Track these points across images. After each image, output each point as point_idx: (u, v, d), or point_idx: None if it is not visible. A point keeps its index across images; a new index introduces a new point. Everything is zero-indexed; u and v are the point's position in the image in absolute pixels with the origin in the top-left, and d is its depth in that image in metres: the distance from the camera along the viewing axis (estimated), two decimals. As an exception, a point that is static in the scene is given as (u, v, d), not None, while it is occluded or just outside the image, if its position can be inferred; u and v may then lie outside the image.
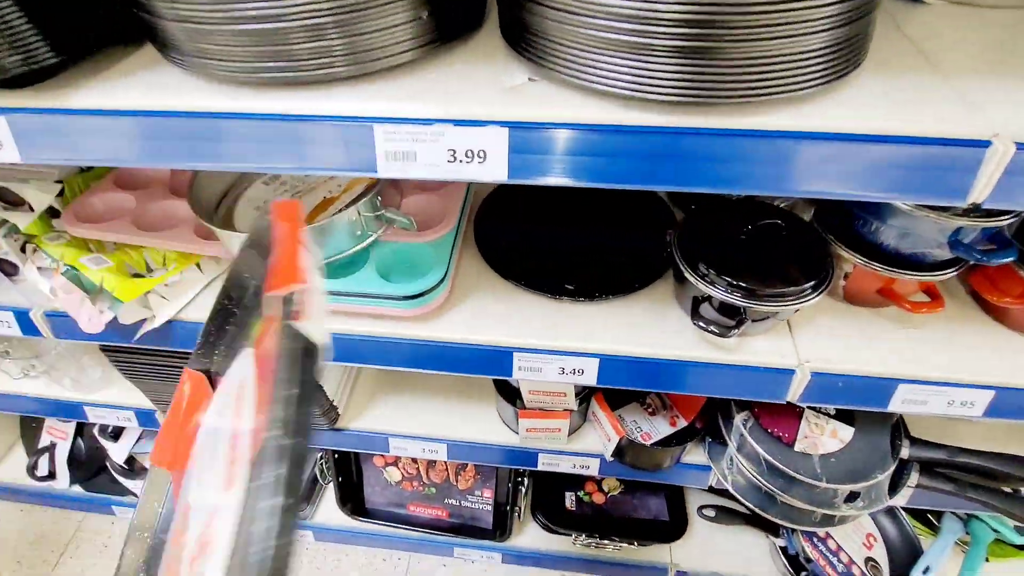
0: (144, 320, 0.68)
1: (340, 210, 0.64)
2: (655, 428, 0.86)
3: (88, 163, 0.69)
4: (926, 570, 0.96)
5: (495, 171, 0.44)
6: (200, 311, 0.70)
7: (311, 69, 0.41)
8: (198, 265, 0.73)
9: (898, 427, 0.78)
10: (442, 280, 0.66)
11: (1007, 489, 0.75)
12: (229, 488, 0.27)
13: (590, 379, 0.67)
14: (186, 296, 0.70)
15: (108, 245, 0.72)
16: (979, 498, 0.74)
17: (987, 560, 1.01)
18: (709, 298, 0.62)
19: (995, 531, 1.01)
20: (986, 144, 0.38)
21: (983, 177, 0.38)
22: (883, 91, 0.43)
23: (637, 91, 0.39)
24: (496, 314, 0.68)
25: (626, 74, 0.39)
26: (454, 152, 0.43)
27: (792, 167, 0.41)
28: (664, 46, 0.36)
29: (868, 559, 0.98)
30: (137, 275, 0.70)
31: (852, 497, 0.72)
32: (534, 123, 0.42)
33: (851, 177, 0.40)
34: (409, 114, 0.42)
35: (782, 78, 0.37)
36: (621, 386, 0.68)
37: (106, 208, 0.74)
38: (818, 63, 0.38)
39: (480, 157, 0.43)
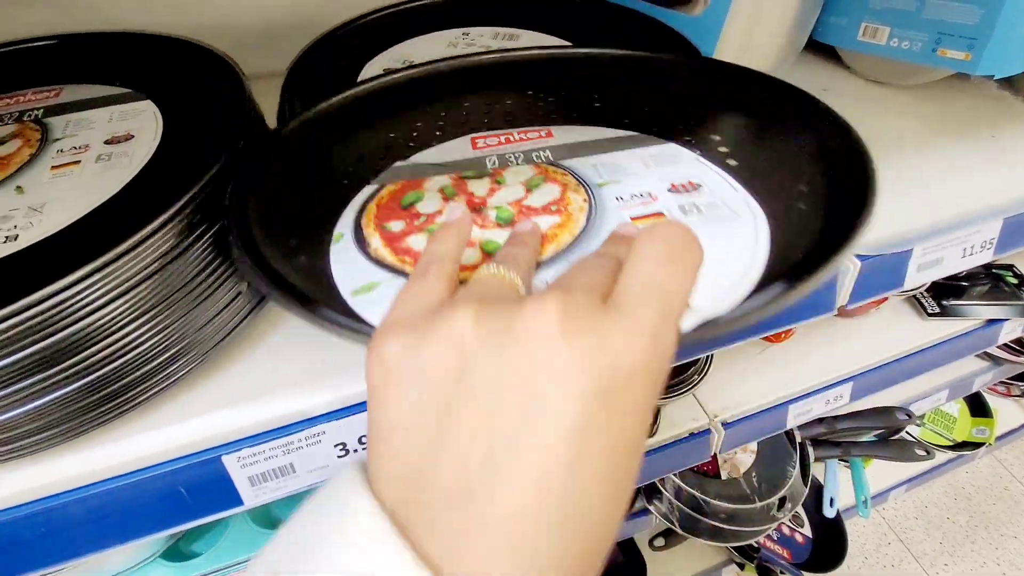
0: None
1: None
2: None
3: None
4: (831, 502, 1.11)
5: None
6: None
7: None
8: None
9: (787, 417, 0.88)
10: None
11: (875, 438, 0.89)
12: None
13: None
14: None
15: None
16: (861, 453, 0.87)
17: (864, 467, 1.22)
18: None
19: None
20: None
21: (843, 288, 0.43)
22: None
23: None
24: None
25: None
26: (344, 445, 0.35)
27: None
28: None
29: (793, 516, 1.11)
30: None
31: (782, 503, 0.79)
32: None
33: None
34: (266, 424, 0.33)
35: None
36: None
37: None
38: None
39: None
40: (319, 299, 0.24)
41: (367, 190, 0.34)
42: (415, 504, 0.15)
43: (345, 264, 0.29)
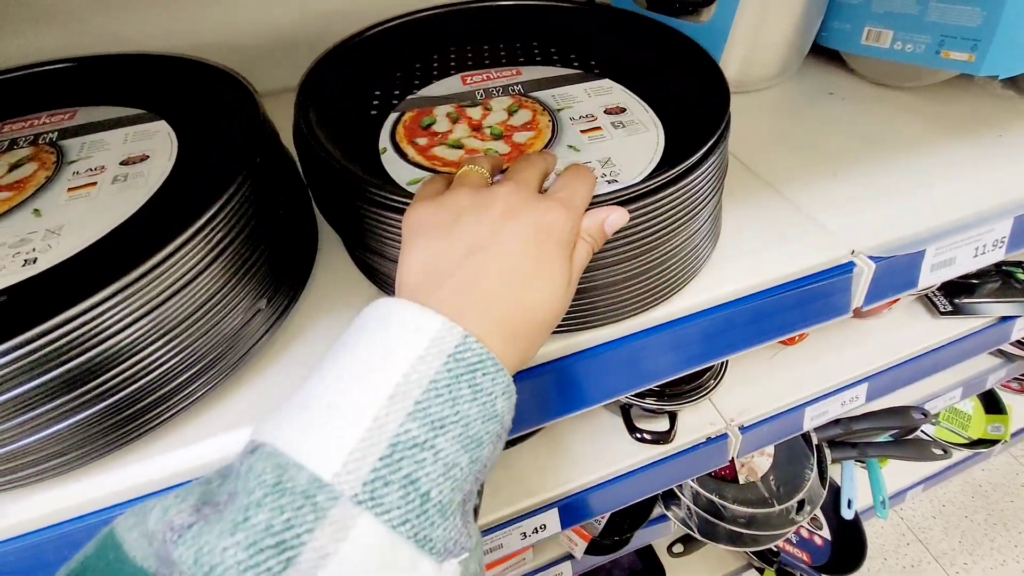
0: None
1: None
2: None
3: None
4: (849, 503, 1.10)
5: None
6: None
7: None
8: None
9: (801, 419, 0.88)
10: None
11: (890, 438, 0.88)
12: None
13: (553, 528, 0.64)
14: None
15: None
16: (877, 453, 0.86)
17: (881, 467, 1.21)
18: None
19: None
20: (851, 266, 0.42)
21: (857, 291, 0.43)
22: (746, 240, 0.44)
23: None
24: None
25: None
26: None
27: (697, 343, 0.41)
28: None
29: (812, 518, 1.10)
30: None
31: (801, 505, 0.78)
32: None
33: (748, 333, 0.42)
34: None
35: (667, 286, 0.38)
36: (585, 519, 0.66)
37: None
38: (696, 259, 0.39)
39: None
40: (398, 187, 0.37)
41: (392, 116, 0.45)
42: (427, 283, 0.26)
43: (395, 167, 0.40)
